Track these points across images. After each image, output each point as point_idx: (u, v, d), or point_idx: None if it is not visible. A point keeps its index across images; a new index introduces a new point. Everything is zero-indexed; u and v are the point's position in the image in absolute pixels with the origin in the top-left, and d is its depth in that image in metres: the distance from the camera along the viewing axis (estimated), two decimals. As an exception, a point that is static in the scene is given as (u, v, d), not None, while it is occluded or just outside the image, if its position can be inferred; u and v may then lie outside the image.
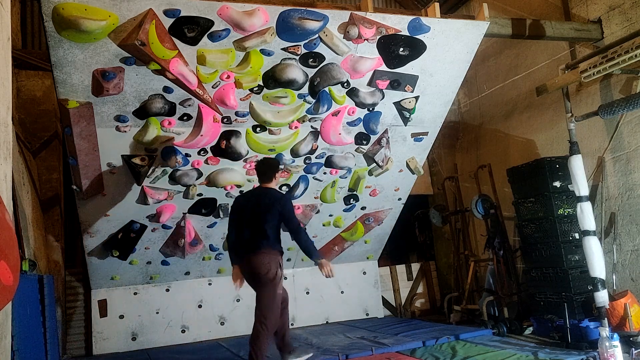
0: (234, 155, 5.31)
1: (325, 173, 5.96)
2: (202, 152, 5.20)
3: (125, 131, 4.76)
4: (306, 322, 7.08)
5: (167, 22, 4.06)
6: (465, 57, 5.24)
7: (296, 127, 5.35)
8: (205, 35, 4.23)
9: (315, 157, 5.74)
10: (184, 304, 6.61)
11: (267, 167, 4.60)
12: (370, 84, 5.18)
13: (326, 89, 5.04)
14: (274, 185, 4.63)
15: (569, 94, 5.47)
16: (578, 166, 5.07)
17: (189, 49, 4.31)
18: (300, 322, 7.06)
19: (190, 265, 6.48)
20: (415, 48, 4.94)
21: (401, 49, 4.89)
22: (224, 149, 5.21)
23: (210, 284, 6.78)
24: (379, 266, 7.75)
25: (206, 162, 5.31)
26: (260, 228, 4.29)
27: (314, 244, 4.49)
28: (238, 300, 6.83)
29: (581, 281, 5.28)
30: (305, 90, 4.98)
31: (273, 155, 5.50)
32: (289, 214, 4.35)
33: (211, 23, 4.16)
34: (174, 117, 4.82)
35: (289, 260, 7.02)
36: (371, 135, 5.74)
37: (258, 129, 5.23)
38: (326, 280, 7.14)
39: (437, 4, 4.85)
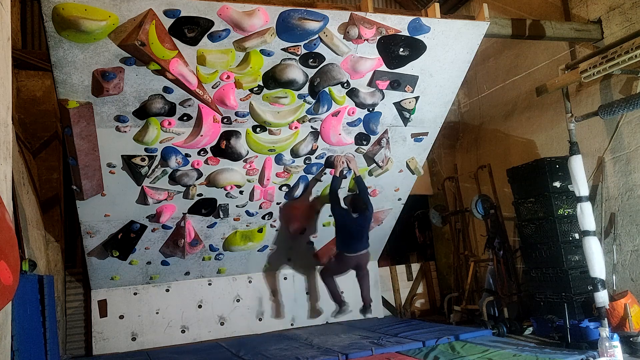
0: (234, 156, 5.31)
1: (325, 173, 5.96)
2: (202, 152, 5.20)
3: (125, 131, 4.76)
4: (306, 322, 7.09)
5: (167, 22, 4.06)
6: (465, 57, 5.24)
7: (296, 128, 5.35)
8: (205, 35, 4.23)
9: (315, 157, 5.74)
10: (184, 304, 6.61)
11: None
12: (370, 84, 5.18)
13: (326, 89, 5.04)
14: None
15: (569, 94, 5.47)
16: (578, 166, 5.08)
17: (189, 49, 4.31)
18: (300, 322, 7.07)
19: (190, 266, 6.48)
20: (416, 48, 4.94)
21: (401, 49, 4.89)
22: (224, 149, 5.21)
23: (210, 284, 6.78)
24: (379, 266, 7.74)
25: (206, 162, 5.31)
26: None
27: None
28: (238, 301, 6.84)
29: (581, 281, 5.28)
30: (305, 90, 4.98)
31: (273, 156, 5.51)
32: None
33: (211, 23, 4.16)
34: (174, 118, 4.82)
35: (289, 260, 7.02)
36: (371, 136, 5.74)
37: (258, 129, 5.23)
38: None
39: (437, 4, 4.85)
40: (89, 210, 5.35)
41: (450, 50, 5.09)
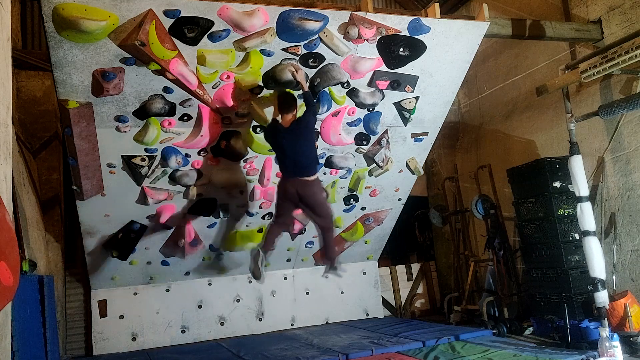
0: (234, 156, 5.31)
1: (325, 173, 5.96)
2: (202, 152, 5.20)
3: (125, 131, 4.76)
4: (306, 322, 7.09)
5: (167, 22, 4.06)
6: (466, 57, 5.24)
7: (296, 128, 5.34)
8: (205, 35, 4.23)
9: (315, 157, 5.73)
10: (184, 304, 6.61)
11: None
12: (370, 84, 5.18)
13: (326, 89, 5.03)
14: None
15: (569, 94, 5.47)
16: (578, 166, 5.08)
17: (189, 49, 4.31)
18: (300, 322, 7.07)
19: (190, 266, 6.48)
20: (416, 48, 4.94)
21: (401, 50, 4.89)
22: (223, 149, 5.21)
23: (210, 284, 6.78)
24: (379, 266, 7.75)
25: (206, 162, 5.30)
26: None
27: None
28: (238, 301, 6.83)
29: (581, 281, 5.28)
30: (305, 90, 4.97)
31: (273, 156, 5.50)
32: None
33: (211, 23, 4.16)
34: (174, 118, 4.82)
35: (288, 260, 7.02)
36: (371, 136, 5.74)
37: (258, 129, 5.23)
38: (326, 280, 7.20)
39: (437, 5, 4.86)
40: (89, 210, 5.35)
41: (450, 50, 5.08)
